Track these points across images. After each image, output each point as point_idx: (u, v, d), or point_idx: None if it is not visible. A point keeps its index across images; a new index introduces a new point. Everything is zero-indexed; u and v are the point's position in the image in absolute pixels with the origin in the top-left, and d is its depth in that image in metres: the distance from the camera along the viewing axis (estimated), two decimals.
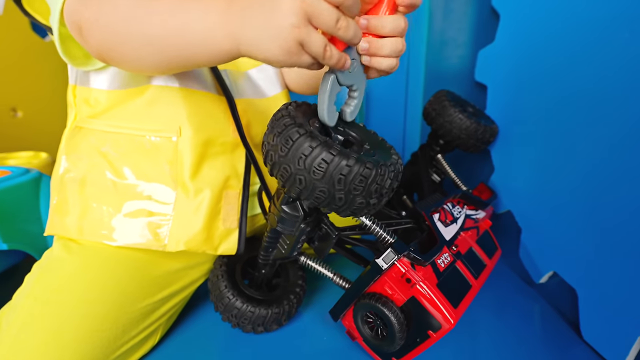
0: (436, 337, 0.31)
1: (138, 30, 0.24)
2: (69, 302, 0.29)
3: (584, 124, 0.38)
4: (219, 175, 0.34)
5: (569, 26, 0.39)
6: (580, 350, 0.36)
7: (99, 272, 0.31)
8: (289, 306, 0.37)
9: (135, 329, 0.32)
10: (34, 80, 0.65)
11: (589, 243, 0.37)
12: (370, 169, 0.21)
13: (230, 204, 0.35)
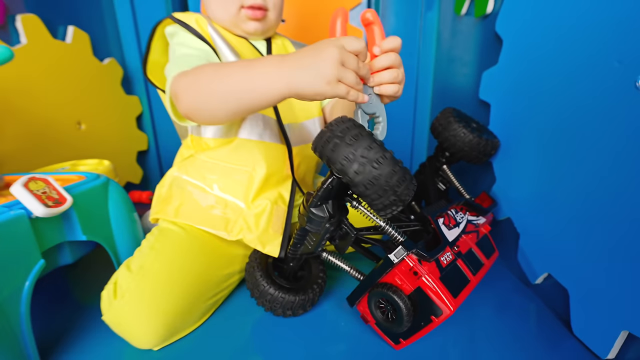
0: (438, 322, 0.34)
1: (217, 93, 0.32)
2: (178, 256, 0.40)
3: (576, 140, 0.39)
4: (272, 197, 0.44)
5: (564, 52, 0.40)
6: (570, 344, 0.38)
7: (194, 242, 0.42)
8: (313, 294, 0.41)
9: (212, 291, 0.41)
10: (94, 98, 0.70)
11: (579, 248, 0.38)
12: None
13: (278, 217, 0.44)
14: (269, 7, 0.44)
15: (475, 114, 0.58)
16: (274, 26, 0.48)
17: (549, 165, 0.43)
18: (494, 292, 0.47)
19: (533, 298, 0.46)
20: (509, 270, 0.52)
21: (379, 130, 0.32)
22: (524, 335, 0.39)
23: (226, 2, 0.43)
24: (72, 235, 0.39)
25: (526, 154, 0.47)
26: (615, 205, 0.34)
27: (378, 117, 0.32)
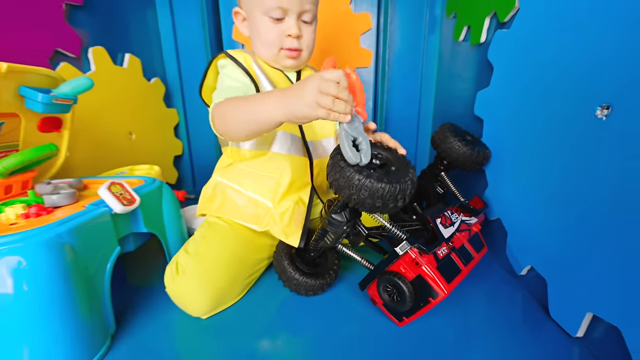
0: (434, 302, 0.38)
1: (235, 121, 0.41)
2: (223, 243, 0.48)
3: (553, 154, 0.43)
4: (294, 199, 0.51)
5: (542, 80, 0.44)
6: (548, 325, 0.42)
7: (234, 233, 0.50)
8: (329, 279, 0.47)
9: (247, 272, 0.49)
10: (143, 112, 0.77)
11: (556, 245, 0.42)
12: (395, 186, 0.32)
13: (299, 215, 0.51)
14: (302, 48, 0.51)
15: (472, 127, 0.61)
16: (305, 62, 0.55)
17: (532, 173, 0.47)
18: (485, 283, 0.51)
19: (518, 287, 0.49)
20: (498, 263, 0.56)
21: (363, 152, 0.33)
22: (510, 319, 0.43)
23: (270, 45, 0.50)
24: (137, 227, 0.47)
25: (514, 163, 0.51)
26: (583, 210, 0.38)
27: (361, 143, 0.34)
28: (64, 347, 0.33)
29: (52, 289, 0.32)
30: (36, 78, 0.45)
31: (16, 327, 0.31)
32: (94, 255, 0.38)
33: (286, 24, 0.49)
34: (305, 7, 0.49)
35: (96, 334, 0.37)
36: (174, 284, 0.43)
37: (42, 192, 0.43)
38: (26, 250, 0.31)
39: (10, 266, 0.30)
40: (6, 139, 0.44)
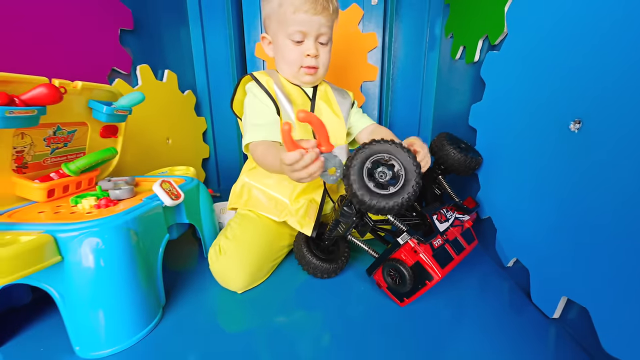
0: (430, 284, 0.43)
1: (262, 162, 0.52)
2: (255, 230, 0.55)
3: (535, 161, 0.46)
4: (308, 198, 0.59)
5: (528, 97, 0.47)
6: (530, 309, 0.45)
7: (263, 223, 0.57)
8: (341, 264, 0.53)
9: (273, 256, 0.55)
10: (177, 120, 0.84)
11: (538, 240, 0.45)
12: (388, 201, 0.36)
13: (312, 211, 0.57)
14: (319, 66, 0.58)
15: (466, 136, 0.65)
16: (321, 78, 0.62)
17: (517, 177, 0.50)
18: (477, 273, 0.55)
19: (506, 277, 0.53)
20: (489, 256, 0.60)
21: (336, 175, 0.41)
22: (498, 303, 0.47)
23: (292, 63, 0.57)
24: (180, 218, 0.53)
25: (502, 169, 0.54)
26: (559, 210, 0.41)
27: (334, 169, 0.41)
28: (129, 312, 0.40)
29: (122, 264, 0.39)
30: (101, 93, 0.52)
31: (95, 293, 0.37)
32: (150, 239, 0.44)
33: (305, 45, 0.55)
34: (321, 30, 0.55)
35: (152, 304, 0.43)
36: (218, 263, 0.50)
37: (105, 188, 0.50)
38: (102, 233, 0.37)
39: (91, 246, 0.36)
40: (77, 143, 0.52)
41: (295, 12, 0.53)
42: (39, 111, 0.40)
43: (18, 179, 0.44)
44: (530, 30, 0.47)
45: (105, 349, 0.38)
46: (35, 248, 0.33)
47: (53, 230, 0.36)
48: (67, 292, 0.37)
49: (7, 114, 0.37)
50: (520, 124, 0.50)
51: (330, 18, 0.55)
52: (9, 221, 0.38)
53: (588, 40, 0.37)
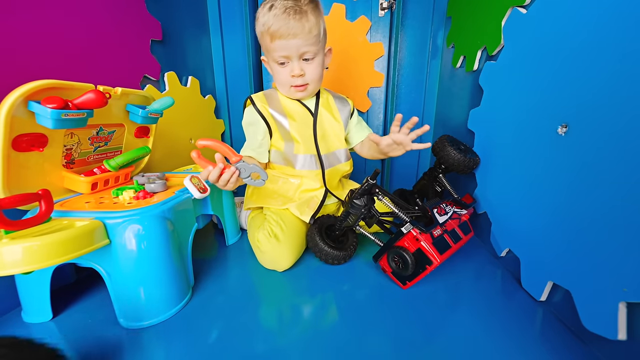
0: (430, 269, 0.46)
1: None
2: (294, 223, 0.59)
3: (527, 162, 0.48)
4: (310, 195, 0.63)
5: (520, 104, 0.49)
6: (520, 293, 0.48)
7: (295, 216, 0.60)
8: (350, 252, 0.56)
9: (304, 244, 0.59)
10: (199, 121, 0.87)
11: (527, 232, 0.48)
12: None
13: (313, 204, 0.62)
14: (308, 82, 0.59)
15: (465, 138, 0.67)
16: (314, 91, 0.62)
17: (511, 176, 0.52)
18: (473, 261, 0.57)
19: (499, 265, 0.56)
20: (484, 247, 0.62)
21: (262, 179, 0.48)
22: (491, 288, 0.49)
23: (283, 84, 0.60)
24: (206, 210, 0.57)
25: (498, 168, 0.56)
26: (547, 206, 0.43)
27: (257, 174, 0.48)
28: (166, 289, 0.43)
29: (160, 248, 0.42)
30: (137, 98, 0.56)
31: (137, 272, 0.41)
32: (182, 228, 0.48)
33: (289, 66, 0.57)
34: (301, 50, 0.54)
35: (184, 283, 0.46)
36: (269, 245, 0.55)
37: (141, 182, 0.53)
38: (143, 221, 0.40)
39: (133, 231, 0.40)
40: (116, 142, 0.56)
41: (272, 41, 0.54)
42: (88, 114, 0.44)
43: (67, 173, 0.47)
44: (524, 43, 0.50)
45: (145, 321, 0.41)
46: (89, 232, 0.36)
47: (102, 217, 0.39)
48: (114, 270, 0.40)
49: (63, 116, 0.40)
50: (514, 128, 0.52)
51: (307, 37, 0.54)
52: (63, 209, 0.42)
53: (574, 53, 0.39)
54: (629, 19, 0.32)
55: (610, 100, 0.34)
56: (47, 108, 0.39)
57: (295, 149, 0.62)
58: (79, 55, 0.53)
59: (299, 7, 0.52)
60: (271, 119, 0.60)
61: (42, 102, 0.39)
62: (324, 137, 0.63)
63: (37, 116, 0.40)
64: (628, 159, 0.32)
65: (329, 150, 0.64)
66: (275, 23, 0.52)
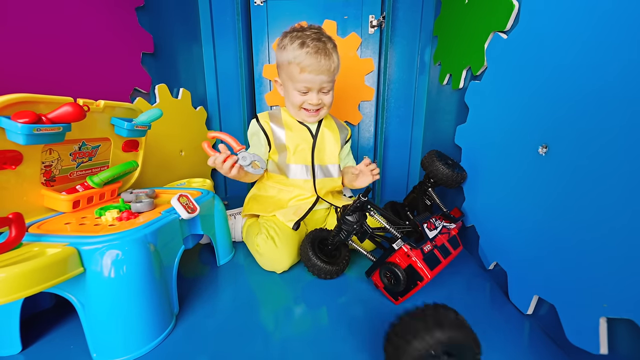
0: (421, 284, 0.44)
1: None
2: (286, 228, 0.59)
3: (510, 177, 0.47)
4: (300, 203, 0.64)
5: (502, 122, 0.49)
6: (508, 307, 0.47)
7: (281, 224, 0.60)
8: (342, 266, 0.53)
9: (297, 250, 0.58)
10: (190, 133, 0.83)
11: (514, 246, 0.47)
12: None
13: (301, 210, 0.62)
14: (322, 107, 0.63)
15: (453, 153, 0.67)
16: (323, 116, 0.65)
17: (497, 191, 0.51)
18: (462, 274, 0.56)
19: (487, 278, 0.55)
20: (473, 260, 0.61)
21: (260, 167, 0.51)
22: (481, 301, 0.48)
23: (296, 105, 0.62)
24: (196, 230, 0.51)
25: (484, 183, 0.55)
26: (532, 221, 0.43)
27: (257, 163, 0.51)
28: (145, 321, 0.38)
29: (139, 275, 0.37)
30: (122, 111, 0.52)
31: (113, 302, 0.36)
32: (167, 251, 0.43)
33: (309, 96, 0.61)
34: (323, 85, 0.60)
35: (166, 313, 0.41)
36: (267, 247, 0.55)
37: (127, 199, 0.49)
38: (122, 246, 0.36)
39: (112, 257, 0.35)
40: (101, 157, 0.51)
41: (301, 72, 0.58)
42: (64, 128, 0.40)
43: (47, 191, 0.43)
44: (505, 65, 0.50)
45: (120, 357, 0.36)
46: (61, 260, 0.32)
47: (77, 243, 0.35)
48: (87, 300, 0.35)
49: (35, 131, 0.36)
50: (498, 145, 0.51)
51: (330, 75, 0.60)
52: (38, 232, 0.37)
53: (552, 77, 0.40)
54: (601, 46, 0.32)
55: (588, 122, 0.34)
56: (17, 123, 0.35)
57: (288, 158, 0.63)
58: (69, 69, 0.50)
59: (327, 50, 0.59)
60: (270, 131, 0.64)
61: (12, 117, 0.35)
62: (321, 150, 0.66)
63: (7, 132, 0.36)
64: (606, 180, 0.32)
65: (324, 162, 0.66)
66: (307, 60, 0.57)
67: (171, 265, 0.44)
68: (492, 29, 0.53)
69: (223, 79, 0.93)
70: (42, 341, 0.39)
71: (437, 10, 0.83)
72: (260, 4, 0.89)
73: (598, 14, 0.33)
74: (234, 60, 0.92)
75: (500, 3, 0.51)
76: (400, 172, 0.98)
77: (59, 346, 0.38)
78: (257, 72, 0.95)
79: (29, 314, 0.43)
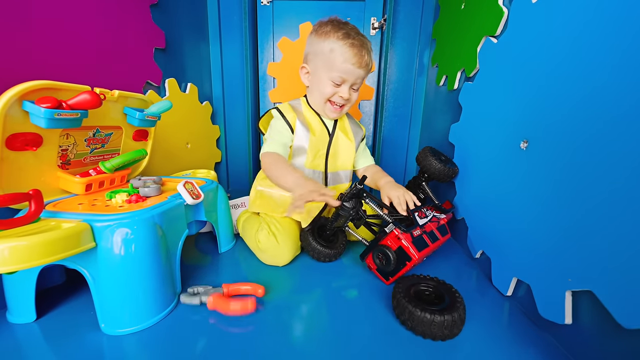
0: (410, 264, 0.46)
1: (269, 174, 0.54)
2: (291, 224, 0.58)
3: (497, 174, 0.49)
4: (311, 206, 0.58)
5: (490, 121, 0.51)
6: (491, 290, 0.49)
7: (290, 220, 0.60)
8: (339, 250, 0.55)
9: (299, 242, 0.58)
10: (196, 127, 0.85)
11: (497, 236, 0.49)
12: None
13: (314, 210, 0.58)
14: (346, 104, 0.60)
15: (446, 150, 0.68)
16: (344, 113, 0.63)
17: (485, 186, 0.53)
18: (451, 262, 0.58)
19: (474, 266, 0.57)
20: (462, 250, 0.63)
21: None
22: (468, 286, 0.50)
23: (323, 96, 0.59)
24: (199, 216, 0.53)
25: (474, 178, 0.57)
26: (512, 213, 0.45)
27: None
28: (150, 295, 0.40)
29: (146, 253, 0.38)
30: (134, 101, 0.53)
31: (122, 276, 0.37)
32: (172, 233, 0.44)
33: (341, 88, 0.58)
34: (358, 80, 0.58)
35: (169, 290, 0.43)
36: (269, 243, 0.55)
37: (135, 185, 0.50)
38: (132, 224, 0.37)
39: (122, 234, 0.37)
40: (113, 145, 0.53)
41: (343, 62, 0.55)
42: (82, 114, 0.41)
43: (62, 173, 0.45)
44: (495, 67, 0.52)
45: (126, 328, 0.38)
46: (76, 234, 0.33)
47: (90, 219, 0.36)
48: (98, 274, 0.37)
49: (56, 115, 0.38)
50: (486, 142, 0.53)
51: (367, 73, 0.59)
52: (54, 210, 0.39)
53: (533, 79, 0.42)
54: (579, 51, 0.35)
55: (565, 119, 0.36)
56: (40, 107, 0.36)
57: (306, 162, 0.61)
58: (89, 61, 0.52)
59: (368, 48, 0.57)
60: (295, 131, 0.60)
61: (36, 102, 0.37)
62: (335, 155, 0.63)
63: (30, 115, 0.37)
64: (578, 175, 0.34)
65: (336, 169, 0.64)
66: (351, 51, 0.55)
67: (175, 247, 0.45)
68: (484, 34, 0.55)
69: (229, 75, 0.95)
70: (55, 312, 0.41)
71: (436, 14, 0.85)
72: (267, 3, 0.90)
73: (577, 24, 0.35)
74: (240, 58, 0.93)
75: (491, 9, 0.53)
76: (397, 168, 0.99)
77: (70, 317, 0.40)
78: (261, 70, 0.96)
79: (42, 288, 0.45)
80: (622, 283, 0.28)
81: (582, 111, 0.34)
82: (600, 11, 0.32)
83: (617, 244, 0.29)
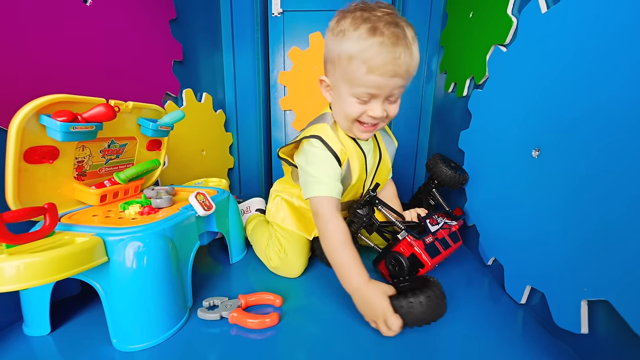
0: (422, 271, 0.45)
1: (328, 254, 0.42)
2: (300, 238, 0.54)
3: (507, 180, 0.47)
4: None
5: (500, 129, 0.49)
6: (504, 297, 0.46)
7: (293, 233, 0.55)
8: None
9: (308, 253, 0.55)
10: (210, 134, 0.83)
11: (510, 243, 0.47)
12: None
13: None
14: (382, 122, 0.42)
15: (456, 157, 0.65)
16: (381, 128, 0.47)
17: (496, 192, 0.51)
18: (463, 269, 0.55)
19: (486, 273, 0.54)
20: (473, 256, 0.59)
21: None
22: (480, 294, 0.48)
23: (350, 117, 0.42)
24: (211, 227, 0.50)
25: (484, 185, 0.54)
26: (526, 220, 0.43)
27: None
28: (162, 310, 0.37)
29: (159, 266, 0.36)
30: (148, 112, 0.52)
31: (133, 290, 0.35)
32: (183, 246, 0.41)
33: (371, 105, 0.40)
34: (394, 90, 0.39)
35: (181, 304, 0.40)
36: (279, 258, 0.52)
37: (149, 196, 0.48)
38: (144, 238, 0.35)
39: (133, 248, 0.34)
40: (127, 155, 0.51)
41: (368, 74, 0.37)
42: (97, 127, 0.40)
43: (78, 185, 0.43)
44: (505, 76, 0.49)
45: (138, 344, 0.36)
46: (89, 249, 0.32)
47: (103, 233, 0.34)
48: (110, 288, 0.35)
49: (71, 129, 0.36)
50: (497, 150, 0.51)
51: (409, 77, 0.40)
52: (69, 222, 0.37)
53: (544, 88, 0.40)
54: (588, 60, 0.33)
55: (578, 128, 0.35)
56: (56, 121, 0.35)
57: (344, 197, 0.49)
58: (111, 75, 0.52)
59: (407, 40, 0.37)
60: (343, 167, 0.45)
61: (52, 116, 0.35)
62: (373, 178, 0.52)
63: (47, 129, 0.36)
64: (587, 180, 0.33)
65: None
66: (380, 55, 0.36)
67: (187, 259, 0.42)
68: (493, 42, 0.53)
69: (241, 84, 0.93)
70: (69, 324, 0.39)
71: (443, 22, 0.82)
72: (277, 14, 0.89)
73: (587, 33, 0.34)
74: (252, 67, 0.92)
75: (500, 18, 0.50)
76: (406, 175, 0.96)
77: (84, 329, 0.38)
78: (272, 79, 0.94)
79: (58, 298, 0.43)
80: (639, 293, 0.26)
81: (594, 120, 0.32)
82: (611, 20, 0.30)
83: (634, 254, 0.27)
